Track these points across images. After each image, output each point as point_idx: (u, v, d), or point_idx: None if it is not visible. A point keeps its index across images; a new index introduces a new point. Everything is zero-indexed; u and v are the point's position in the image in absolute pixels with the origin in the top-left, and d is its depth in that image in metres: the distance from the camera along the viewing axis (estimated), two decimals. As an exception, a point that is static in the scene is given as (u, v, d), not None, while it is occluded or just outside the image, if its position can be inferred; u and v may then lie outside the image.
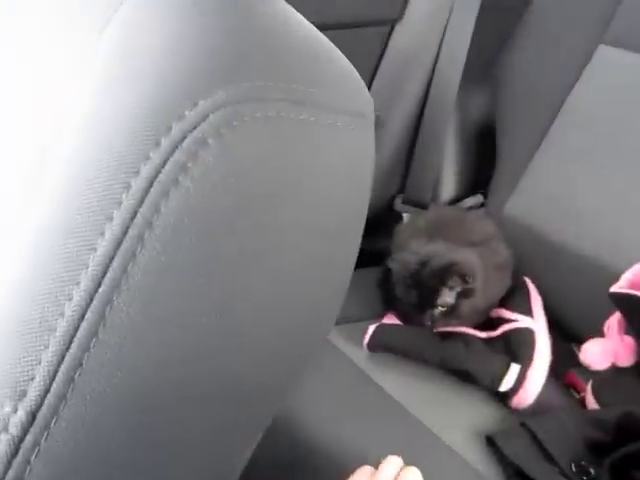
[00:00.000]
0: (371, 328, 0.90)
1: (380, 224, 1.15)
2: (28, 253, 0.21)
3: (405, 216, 1.16)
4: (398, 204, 1.18)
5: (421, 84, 1.10)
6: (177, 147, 0.20)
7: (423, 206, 1.16)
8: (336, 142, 0.24)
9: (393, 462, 0.59)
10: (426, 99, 1.11)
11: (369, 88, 1.10)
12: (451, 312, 0.87)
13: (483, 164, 1.19)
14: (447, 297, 0.86)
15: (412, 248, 0.89)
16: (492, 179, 1.14)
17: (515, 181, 1.07)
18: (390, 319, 0.97)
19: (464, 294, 0.87)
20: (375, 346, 0.89)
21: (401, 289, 0.89)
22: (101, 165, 0.20)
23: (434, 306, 0.86)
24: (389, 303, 1.00)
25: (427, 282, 0.86)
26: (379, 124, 1.09)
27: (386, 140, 1.12)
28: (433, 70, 1.10)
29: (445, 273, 0.85)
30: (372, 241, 1.12)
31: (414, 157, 1.14)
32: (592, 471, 0.71)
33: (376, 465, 0.59)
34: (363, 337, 0.89)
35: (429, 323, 0.86)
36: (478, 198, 1.19)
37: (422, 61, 1.09)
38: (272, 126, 0.22)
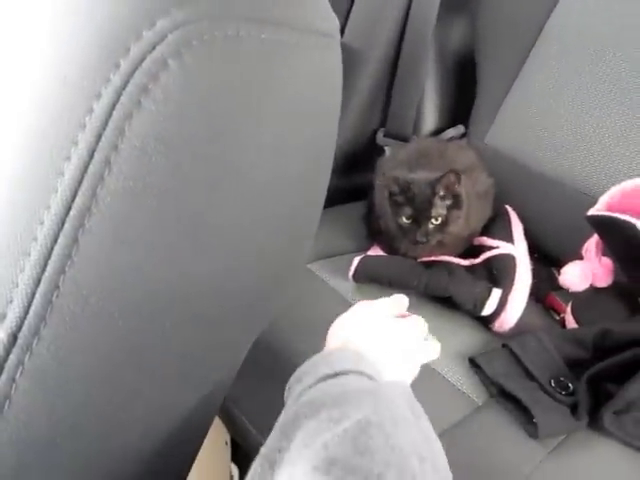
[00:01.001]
0: (356, 260, 0.91)
1: (362, 159, 1.15)
2: (-3, 181, 0.21)
3: (387, 149, 1.16)
4: (380, 138, 1.17)
5: (398, 16, 1.07)
6: (137, 68, 0.20)
7: (405, 139, 1.15)
8: (300, 62, 0.24)
9: (394, 300, 0.59)
10: (404, 31, 1.09)
11: (346, 20, 1.08)
12: (442, 227, 0.88)
13: (464, 95, 1.18)
14: (440, 208, 0.87)
15: (396, 175, 0.89)
16: (473, 109, 1.13)
17: (495, 111, 1.06)
18: (374, 251, 0.98)
19: (454, 205, 0.88)
20: (360, 277, 0.90)
21: (387, 212, 0.90)
22: (62, 89, 0.21)
23: (429, 218, 0.87)
24: (373, 236, 1.01)
25: (419, 195, 0.86)
26: (357, 56, 1.07)
27: (365, 74, 1.11)
28: (410, 1, 1.07)
29: (436, 182, 0.86)
30: (355, 176, 1.13)
31: (394, 89, 1.13)
32: (570, 386, 0.74)
33: None
34: (348, 269, 0.91)
35: (423, 240, 0.88)
36: (459, 129, 1.19)
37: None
38: (232, 45, 0.21)
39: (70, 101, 0.20)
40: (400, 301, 0.61)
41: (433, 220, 0.87)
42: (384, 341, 0.54)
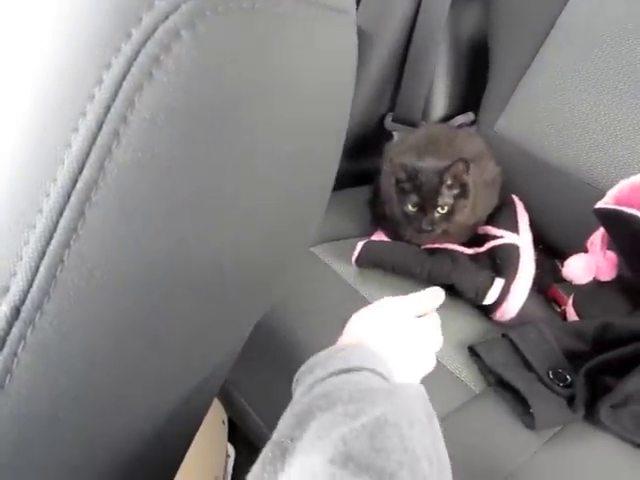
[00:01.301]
0: (359, 244, 0.91)
1: (370, 143, 1.14)
2: (4, 149, 0.21)
3: (395, 134, 1.15)
4: (388, 122, 1.16)
5: (411, 0, 1.06)
6: (149, 38, 0.20)
7: (413, 124, 1.14)
8: (315, 37, 0.24)
9: (432, 293, 0.60)
10: (417, 14, 1.08)
11: (357, 3, 1.07)
12: (448, 216, 0.87)
13: (474, 82, 1.17)
14: (447, 197, 0.87)
15: (404, 162, 0.89)
16: (483, 97, 1.12)
17: (506, 99, 1.06)
18: (378, 236, 0.98)
19: (461, 194, 0.88)
20: (363, 262, 0.90)
21: (393, 198, 0.89)
22: (72, 58, 0.20)
23: (435, 207, 0.87)
24: (378, 221, 1.01)
25: (427, 183, 0.86)
26: (369, 40, 1.06)
27: (376, 57, 1.09)
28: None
29: (444, 170, 0.85)
30: (363, 160, 1.13)
31: (405, 74, 1.12)
32: (568, 378, 0.74)
33: None
34: (352, 253, 0.91)
35: (429, 228, 0.87)
36: (469, 116, 1.18)
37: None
38: (247, 18, 0.21)
39: (79, 71, 0.20)
40: (436, 295, 0.60)
41: (439, 209, 0.87)
42: (402, 343, 0.54)
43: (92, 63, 0.20)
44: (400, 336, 0.54)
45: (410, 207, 0.88)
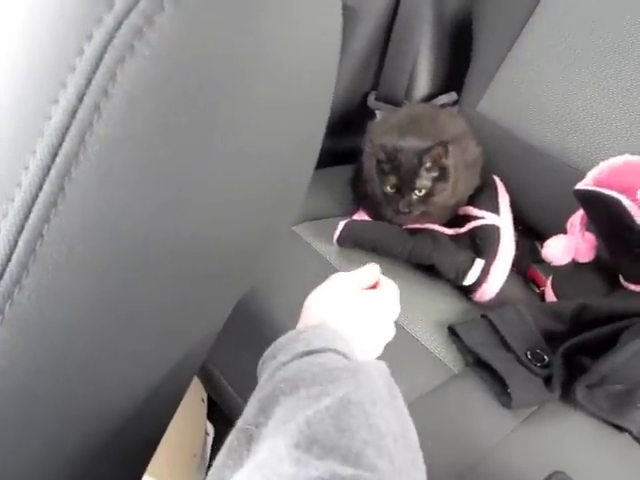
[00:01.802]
0: (341, 224, 0.91)
1: (353, 121, 1.14)
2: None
3: (378, 113, 1.15)
4: (371, 101, 1.16)
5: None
6: (131, 10, 0.19)
7: (396, 103, 1.14)
8: (297, 12, 0.23)
9: (370, 270, 0.59)
10: (401, -7, 1.07)
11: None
12: (426, 198, 0.87)
13: (458, 62, 1.16)
14: (425, 179, 0.87)
15: (384, 143, 0.88)
16: (466, 77, 1.12)
17: (489, 80, 1.05)
18: (360, 215, 0.98)
19: (440, 177, 0.88)
20: (345, 241, 0.90)
21: (374, 178, 0.89)
22: (52, 28, 0.19)
23: (412, 189, 0.87)
24: (360, 200, 1.01)
25: (405, 164, 0.86)
26: (353, 17, 1.05)
27: (361, 33, 1.09)
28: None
29: (423, 153, 0.85)
30: (345, 139, 1.12)
31: (388, 52, 1.11)
32: (546, 358, 0.75)
33: None
34: (333, 233, 0.91)
35: (406, 210, 0.87)
36: (452, 95, 1.18)
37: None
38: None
39: (59, 40, 0.19)
40: (373, 271, 0.60)
41: (417, 191, 0.87)
42: (359, 317, 0.54)
43: (73, 33, 0.19)
44: (357, 310, 0.54)
45: (389, 188, 0.88)
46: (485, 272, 0.85)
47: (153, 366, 0.29)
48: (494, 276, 0.85)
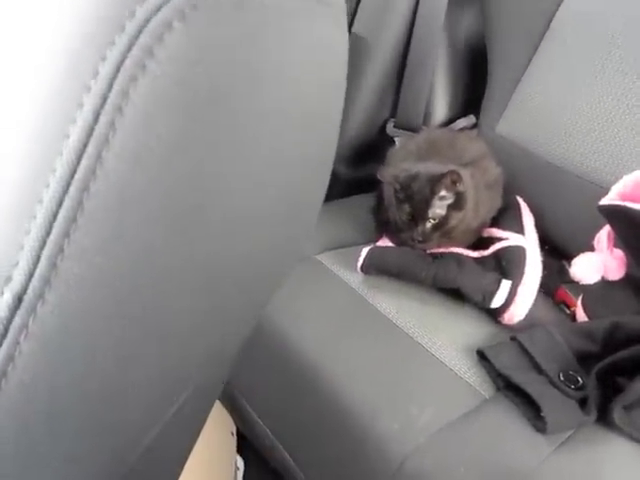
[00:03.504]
0: (364, 251, 0.91)
1: (373, 150, 1.15)
2: (4, 142, 0.21)
3: (397, 140, 1.16)
4: (390, 128, 1.17)
5: (408, 5, 1.07)
6: (142, 31, 0.20)
7: (415, 129, 1.15)
8: (303, 29, 0.24)
9: None
10: (414, 21, 1.09)
11: (355, 10, 1.08)
12: (441, 226, 0.87)
13: (475, 84, 1.17)
14: (438, 208, 0.87)
15: (397, 173, 0.89)
16: (484, 99, 1.13)
17: (507, 100, 1.06)
18: (384, 242, 0.98)
19: (455, 205, 0.87)
20: (368, 268, 0.90)
21: (393, 205, 0.90)
22: (68, 52, 0.20)
23: (426, 218, 0.86)
24: (382, 227, 1.01)
25: (418, 194, 0.86)
26: (367, 46, 1.07)
27: (376, 64, 1.10)
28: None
29: (435, 181, 0.85)
30: (365, 167, 1.13)
31: (404, 80, 1.12)
32: (580, 380, 0.73)
33: None
34: (357, 260, 0.91)
35: (420, 239, 0.87)
36: (470, 119, 1.19)
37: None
38: (237, 9, 0.21)
39: (75, 64, 0.20)
40: None
41: (430, 220, 0.87)
42: None
43: (88, 56, 0.20)
44: None
45: (404, 217, 0.88)
46: (512, 294, 0.84)
47: (174, 385, 0.29)
48: (522, 298, 0.84)
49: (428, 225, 0.87)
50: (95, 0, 0.21)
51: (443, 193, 0.86)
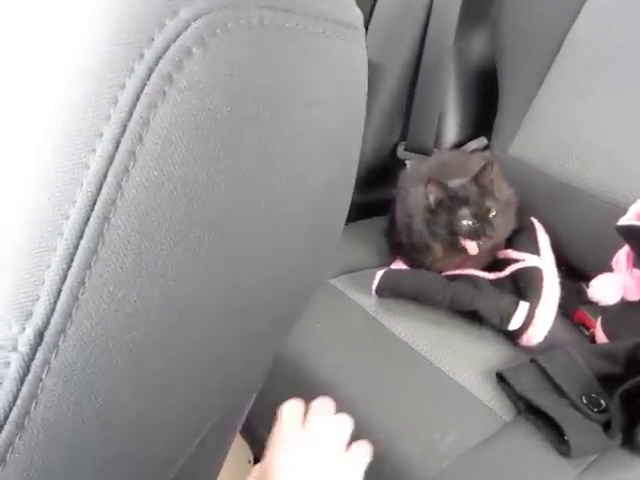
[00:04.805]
0: (379, 274, 0.90)
1: (384, 173, 1.15)
2: (23, 174, 0.21)
3: (408, 163, 1.16)
4: (401, 151, 1.17)
5: (418, 27, 1.08)
6: (161, 58, 0.20)
7: (426, 152, 1.15)
8: (324, 52, 0.24)
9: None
10: (423, 44, 1.09)
11: (365, 34, 1.08)
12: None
13: (486, 106, 1.17)
14: (495, 196, 0.89)
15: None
16: (495, 121, 1.13)
17: (519, 121, 1.06)
18: (397, 265, 0.97)
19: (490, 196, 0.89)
20: (383, 291, 0.90)
21: (441, 219, 0.90)
22: (86, 81, 0.20)
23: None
24: (396, 250, 1.01)
25: (472, 193, 0.87)
26: (377, 71, 1.07)
27: (386, 87, 1.11)
28: (429, 12, 1.07)
29: (477, 178, 0.88)
30: (376, 191, 1.13)
31: (414, 103, 1.13)
32: (602, 402, 0.72)
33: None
34: (371, 284, 0.90)
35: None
36: (482, 141, 1.18)
37: (418, 3, 1.07)
38: (256, 34, 0.21)
39: (94, 93, 0.20)
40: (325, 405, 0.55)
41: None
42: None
43: (106, 85, 0.20)
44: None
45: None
46: (530, 315, 0.83)
47: (198, 416, 0.29)
48: (540, 319, 0.83)
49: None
50: (113, 28, 0.20)
51: (486, 185, 0.88)
